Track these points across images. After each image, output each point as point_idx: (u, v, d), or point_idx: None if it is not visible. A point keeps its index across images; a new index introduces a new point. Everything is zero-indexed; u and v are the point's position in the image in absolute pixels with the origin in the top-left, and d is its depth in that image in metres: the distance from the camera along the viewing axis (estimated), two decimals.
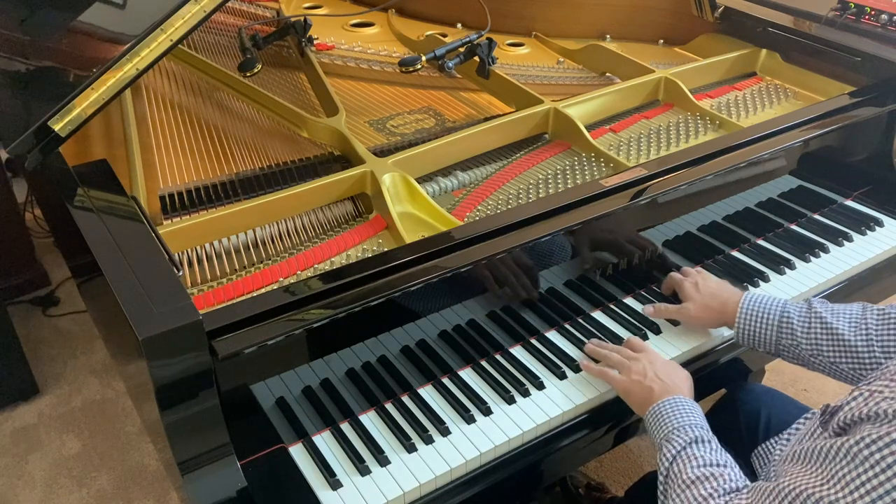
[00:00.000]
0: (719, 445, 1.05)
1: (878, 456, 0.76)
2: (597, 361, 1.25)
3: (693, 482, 0.98)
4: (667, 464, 1.03)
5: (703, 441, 1.04)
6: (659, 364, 1.18)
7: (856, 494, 0.77)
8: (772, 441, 1.20)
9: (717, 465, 1.00)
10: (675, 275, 1.38)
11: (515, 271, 1.25)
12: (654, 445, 1.10)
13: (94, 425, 2.15)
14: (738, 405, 1.36)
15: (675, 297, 1.38)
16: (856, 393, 0.86)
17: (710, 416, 1.41)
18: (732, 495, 0.94)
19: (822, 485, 0.81)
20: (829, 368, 1.18)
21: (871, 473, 0.76)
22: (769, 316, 1.21)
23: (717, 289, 1.31)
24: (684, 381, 1.17)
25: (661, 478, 1.04)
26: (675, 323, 1.34)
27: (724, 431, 1.35)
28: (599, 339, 1.30)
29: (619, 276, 1.40)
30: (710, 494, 0.95)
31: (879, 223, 1.61)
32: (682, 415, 1.08)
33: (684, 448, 1.03)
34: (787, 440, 1.14)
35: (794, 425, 1.16)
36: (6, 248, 2.45)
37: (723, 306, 1.27)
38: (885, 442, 0.76)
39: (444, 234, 1.20)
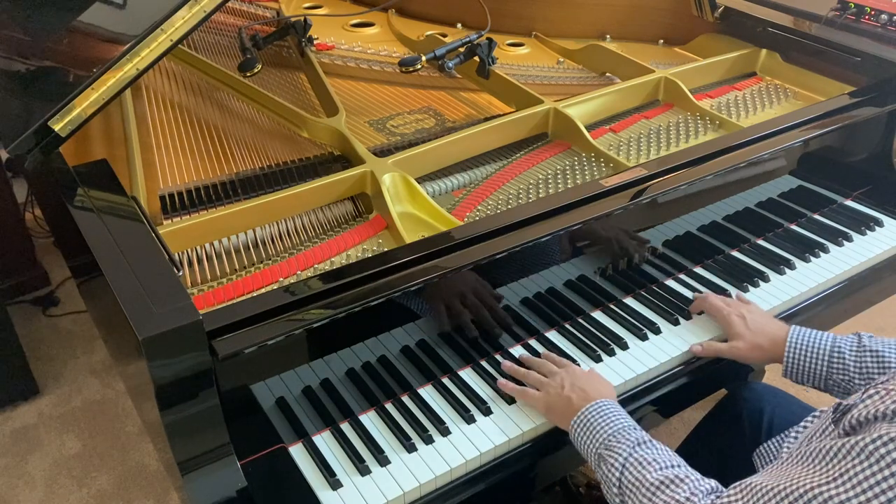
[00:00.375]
0: (662, 445, 1.02)
1: (895, 455, 0.75)
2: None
3: (658, 487, 0.95)
4: (617, 474, 0.99)
5: (645, 442, 1.01)
6: (578, 375, 1.15)
7: (869, 493, 0.75)
8: (777, 439, 1.20)
9: (675, 466, 0.97)
10: (714, 303, 1.32)
11: (514, 273, 1.25)
12: (588, 458, 1.05)
13: (94, 425, 2.15)
14: (742, 403, 1.35)
15: (677, 299, 1.38)
16: (871, 391, 0.85)
17: (713, 414, 1.41)
18: (713, 497, 0.92)
19: (827, 483, 0.79)
20: None
21: (886, 472, 0.75)
22: (819, 350, 1.18)
23: (764, 323, 1.26)
24: (606, 387, 1.15)
25: (613, 490, 1.00)
26: (675, 322, 1.34)
27: (727, 430, 1.35)
28: (599, 339, 1.30)
29: (619, 276, 1.40)
30: (689, 498, 0.92)
31: (879, 223, 1.61)
32: (612, 419, 1.05)
33: (631, 453, 0.99)
34: (795, 437, 1.13)
35: (802, 423, 1.14)
36: (6, 248, 2.45)
37: (773, 345, 1.23)
38: None
39: (444, 234, 1.20)
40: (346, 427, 1.14)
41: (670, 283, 1.45)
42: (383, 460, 1.09)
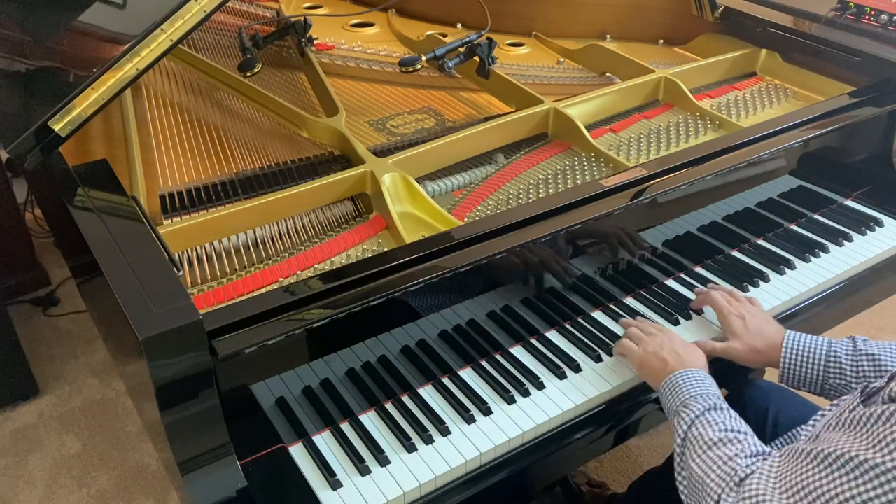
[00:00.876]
0: (737, 415, 1.05)
1: None
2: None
3: (715, 443, 0.99)
4: (685, 427, 1.04)
5: (720, 409, 1.05)
6: (677, 341, 1.21)
7: None
8: (783, 439, 1.19)
9: (738, 431, 1.01)
10: (718, 300, 1.31)
11: (517, 271, 1.25)
12: (668, 415, 1.12)
13: (94, 425, 2.15)
14: (746, 401, 1.35)
15: (675, 299, 1.38)
16: None
17: None
18: (758, 458, 0.95)
19: (868, 448, 0.79)
20: None
21: None
22: (815, 355, 1.19)
23: (762, 326, 1.26)
24: (701, 359, 1.19)
25: (678, 440, 1.05)
26: (675, 322, 1.34)
27: None
28: (599, 339, 1.30)
29: (619, 276, 1.40)
30: (736, 454, 0.96)
31: (879, 223, 1.61)
32: (698, 385, 1.10)
33: (703, 413, 1.04)
34: (813, 426, 1.12)
35: (811, 421, 1.13)
36: (6, 248, 2.45)
37: (769, 348, 1.23)
38: None
39: (444, 234, 1.20)
40: (346, 427, 1.14)
41: (670, 283, 1.45)
42: (383, 460, 1.09)
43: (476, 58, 1.71)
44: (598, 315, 1.36)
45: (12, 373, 2.14)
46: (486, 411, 1.17)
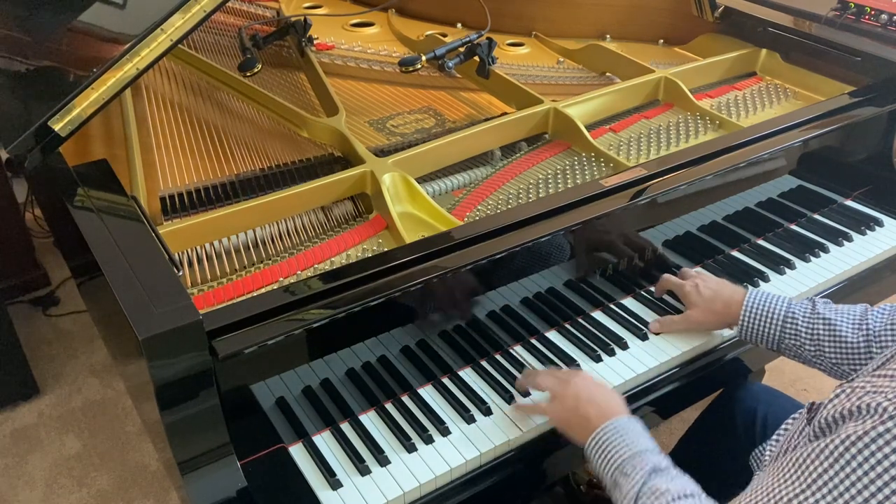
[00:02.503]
0: (677, 469, 0.99)
1: (866, 453, 0.72)
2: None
3: None
4: None
5: (660, 469, 0.98)
6: (592, 388, 1.10)
7: (846, 496, 0.73)
8: (767, 443, 1.20)
9: (685, 497, 0.94)
10: (671, 278, 1.36)
11: (514, 272, 1.25)
12: (602, 479, 1.02)
13: (94, 425, 2.15)
14: (736, 403, 1.36)
15: (671, 297, 1.38)
16: (838, 391, 0.83)
17: (706, 415, 1.41)
18: None
19: (804, 491, 0.77)
20: (831, 369, 1.18)
21: (860, 472, 0.72)
22: (773, 314, 1.21)
23: (718, 289, 1.30)
24: (616, 397, 1.10)
25: None
26: None
27: (721, 430, 1.35)
28: (599, 339, 1.30)
29: (619, 276, 1.40)
30: None
31: (879, 223, 1.61)
32: (629, 441, 1.01)
33: (646, 481, 0.96)
34: (776, 441, 1.13)
35: (784, 425, 1.12)
36: (6, 248, 2.45)
37: (726, 307, 1.26)
38: (871, 437, 0.72)
39: (444, 234, 1.20)
40: (346, 427, 1.14)
41: None
42: (383, 460, 1.09)
43: (476, 58, 1.71)
44: (598, 315, 1.36)
45: (12, 373, 2.14)
46: (486, 411, 1.17)
